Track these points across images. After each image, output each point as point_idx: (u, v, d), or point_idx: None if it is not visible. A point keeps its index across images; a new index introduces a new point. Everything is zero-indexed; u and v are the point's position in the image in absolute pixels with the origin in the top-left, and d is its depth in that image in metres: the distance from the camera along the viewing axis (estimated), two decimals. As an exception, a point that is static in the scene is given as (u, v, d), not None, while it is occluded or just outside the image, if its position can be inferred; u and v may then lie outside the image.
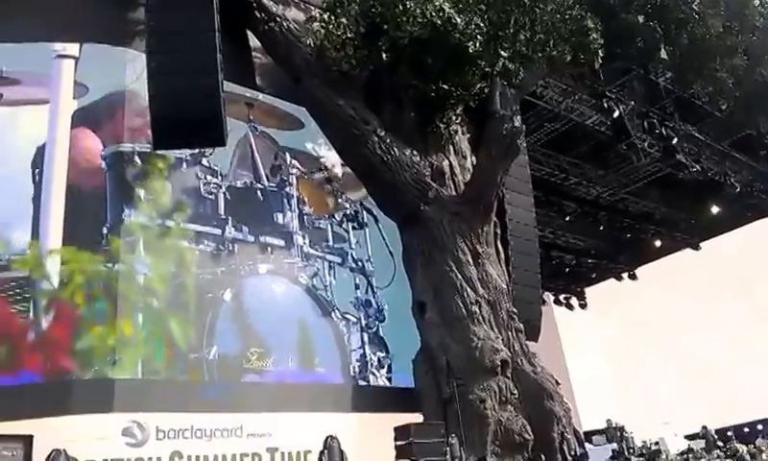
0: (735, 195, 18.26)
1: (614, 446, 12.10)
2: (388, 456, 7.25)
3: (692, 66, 13.59)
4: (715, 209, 19.56)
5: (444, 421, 8.36)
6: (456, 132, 10.99)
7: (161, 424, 7.84)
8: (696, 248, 21.31)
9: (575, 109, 15.10)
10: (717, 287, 20.15)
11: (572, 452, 8.92)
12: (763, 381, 17.28)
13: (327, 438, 6.91)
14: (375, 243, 11.66)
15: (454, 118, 10.63)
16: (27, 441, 5.00)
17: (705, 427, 15.53)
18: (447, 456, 7.41)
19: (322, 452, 6.84)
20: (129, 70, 9.19)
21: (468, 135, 11.39)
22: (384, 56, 9.69)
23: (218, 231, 9.73)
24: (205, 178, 9.85)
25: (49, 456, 4.92)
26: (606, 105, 14.67)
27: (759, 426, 17.16)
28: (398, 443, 7.36)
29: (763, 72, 13.97)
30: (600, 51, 10.49)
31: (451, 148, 10.93)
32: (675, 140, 15.76)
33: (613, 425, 15.00)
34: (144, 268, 8.73)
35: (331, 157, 11.32)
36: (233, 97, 9.88)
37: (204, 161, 9.87)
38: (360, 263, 11.46)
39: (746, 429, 16.49)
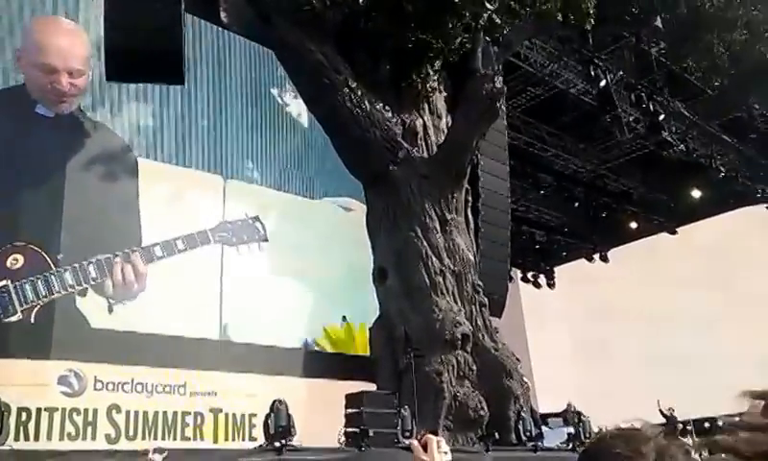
0: (719, 180, 18.60)
1: (571, 429, 12.59)
2: (338, 423, 7.57)
3: (688, 38, 14.03)
4: (697, 194, 19.91)
5: (397, 391, 8.76)
6: (433, 89, 11.24)
7: (100, 374, 8.02)
8: (673, 232, 21.76)
9: (560, 75, 15.27)
10: (691, 276, 20.27)
11: (527, 432, 9.42)
12: (733, 377, 17.71)
13: (275, 402, 6.99)
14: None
15: (432, 73, 10.85)
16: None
17: (671, 409, 16.10)
18: (398, 428, 7.72)
19: (268, 416, 6.91)
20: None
21: (446, 95, 11.64)
22: (361, -2, 9.82)
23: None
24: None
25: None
26: (593, 72, 14.70)
27: (720, 423, 17.86)
28: (349, 410, 7.67)
29: (762, 49, 14.34)
30: (592, 12, 10.77)
31: (426, 106, 11.18)
32: (662, 116, 15.93)
33: (573, 409, 15.63)
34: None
35: (298, 107, 11.43)
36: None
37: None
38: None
39: (706, 424, 17.22)
